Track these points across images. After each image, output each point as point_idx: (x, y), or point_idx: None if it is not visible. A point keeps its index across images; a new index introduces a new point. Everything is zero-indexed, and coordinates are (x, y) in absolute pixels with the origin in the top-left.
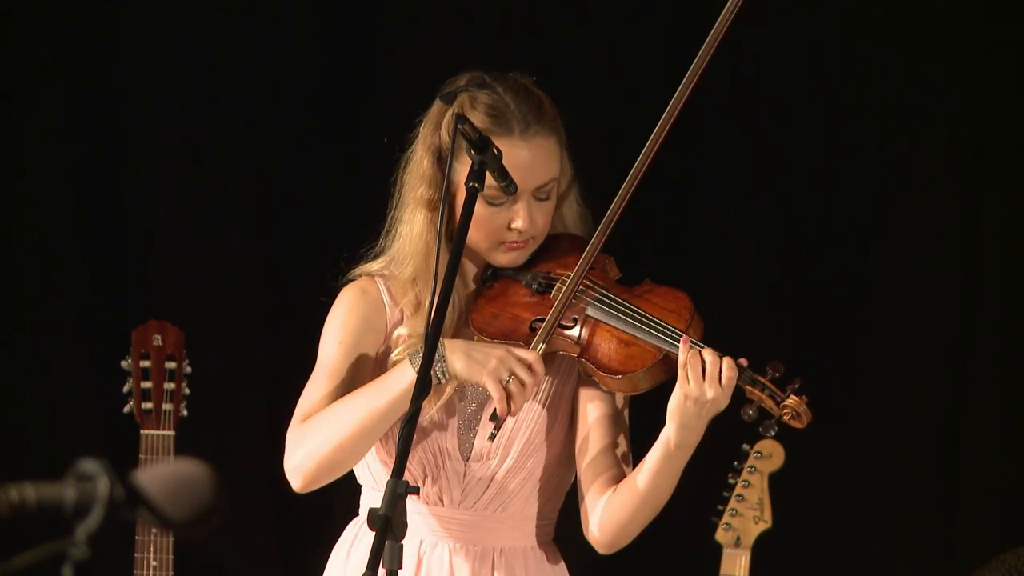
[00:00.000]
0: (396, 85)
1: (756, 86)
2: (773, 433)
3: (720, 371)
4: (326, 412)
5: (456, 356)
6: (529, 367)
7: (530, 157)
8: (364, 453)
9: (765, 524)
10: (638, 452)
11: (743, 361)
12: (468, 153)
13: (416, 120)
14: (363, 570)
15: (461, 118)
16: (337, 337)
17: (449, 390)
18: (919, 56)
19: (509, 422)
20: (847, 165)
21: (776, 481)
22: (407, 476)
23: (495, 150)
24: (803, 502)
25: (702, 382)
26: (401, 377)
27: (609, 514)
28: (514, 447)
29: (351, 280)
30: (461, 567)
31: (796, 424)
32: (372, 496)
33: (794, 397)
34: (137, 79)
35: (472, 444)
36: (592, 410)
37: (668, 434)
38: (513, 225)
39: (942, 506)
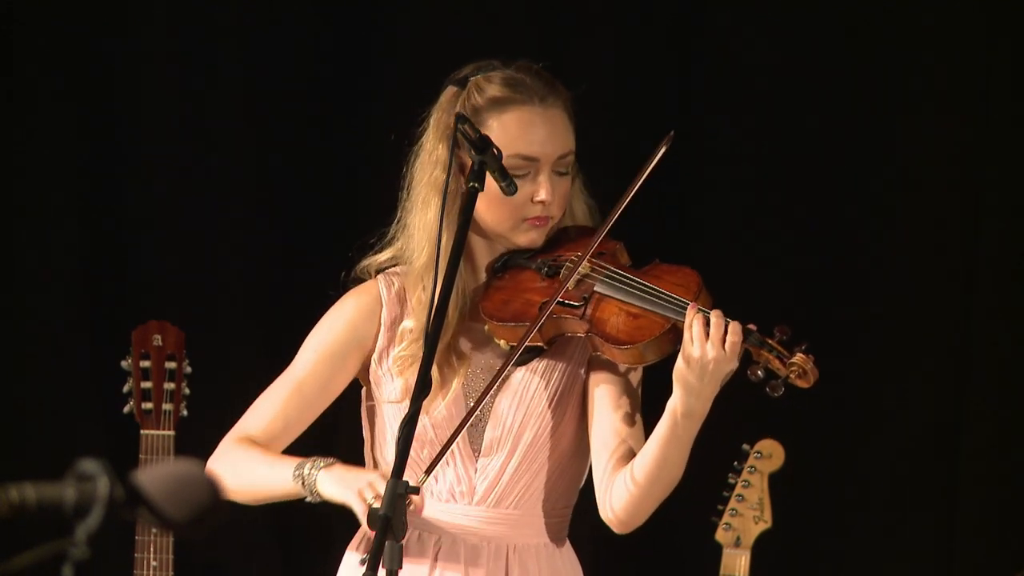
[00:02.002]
0: (396, 84)
1: (757, 75)
2: (780, 393)
3: (724, 333)
4: (237, 457)
5: (329, 477)
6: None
7: (550, 126)
8: (252, 503)
9: (765, 524)
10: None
11: (752, 326)
12: (468, 153)
13: (422, 115)
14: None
15: (461, 117)
16: (318, 345)
17: (456, 386)
18: (919, 55)
19: (512, 416)
20: (845, 166)
21: (776, 481)
22: (419, 474)
23: (495, 150)
24: (803, 502)
25: (705, 343)
26: (282, 475)
27: (623, 491)
28: (522, 442)
29: (358, 275)
30: (476, 565)
31: (802, 383)
32: None
33: (801, 355)
34: (137, 78)
35: (482, 439)
36: (604, 392)
37: (674, 401)
38: (537, 197)
39: (942, 506)
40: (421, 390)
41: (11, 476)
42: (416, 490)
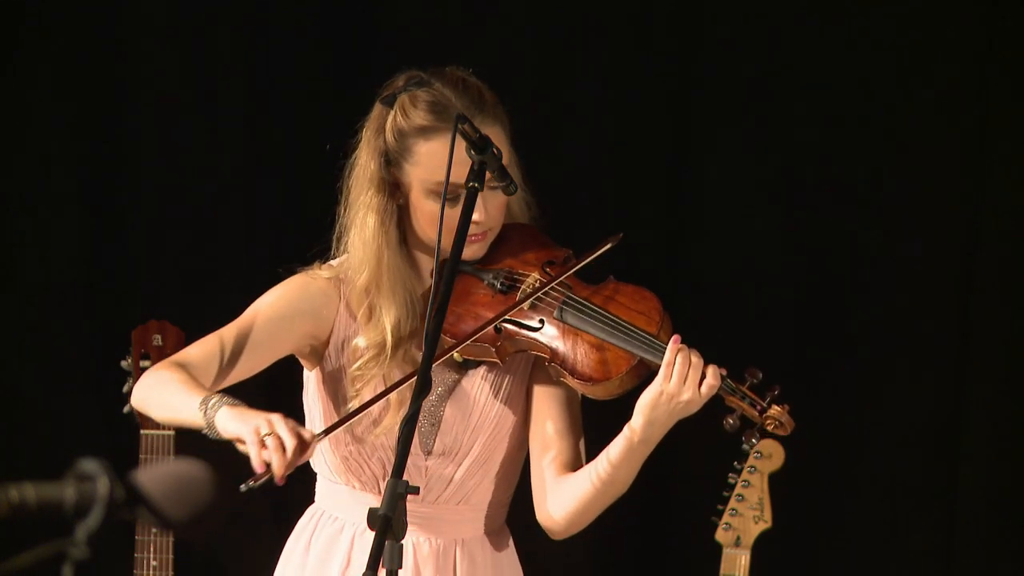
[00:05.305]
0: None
1: (751, 89)
2: (755, 442)
3: (703, 376)
4: (164, 378)
5: (230, 412)
6: (298, 435)
7: None
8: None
9: (765, 524)
10: (596, 442)
11: (723, 370)
12: (468, 153)
13: (356, 126)
14: (324, 562)
15: (461, 117)
16: (270, 304)
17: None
18: (919, 56)
19: (465, 422)
20: (844, 167)
21: (776, 481)
22: (367, 470)
23: (495, 150)
24: (803, 502)
25: (683, 383)
26: (191, 403)
27: (565, 502)
28: (476, 446)
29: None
30: (425, 559)
31: (780, 432)
32: (325, 485)
33: (776, 407)
34: (137, 78)
35: (432, 440)
36: (546, 396)
37: (634, 428)
38: (472, 219)
39: (942, 506)
40: (422, 389)
41: (11, 476)
42: (416, 489)
